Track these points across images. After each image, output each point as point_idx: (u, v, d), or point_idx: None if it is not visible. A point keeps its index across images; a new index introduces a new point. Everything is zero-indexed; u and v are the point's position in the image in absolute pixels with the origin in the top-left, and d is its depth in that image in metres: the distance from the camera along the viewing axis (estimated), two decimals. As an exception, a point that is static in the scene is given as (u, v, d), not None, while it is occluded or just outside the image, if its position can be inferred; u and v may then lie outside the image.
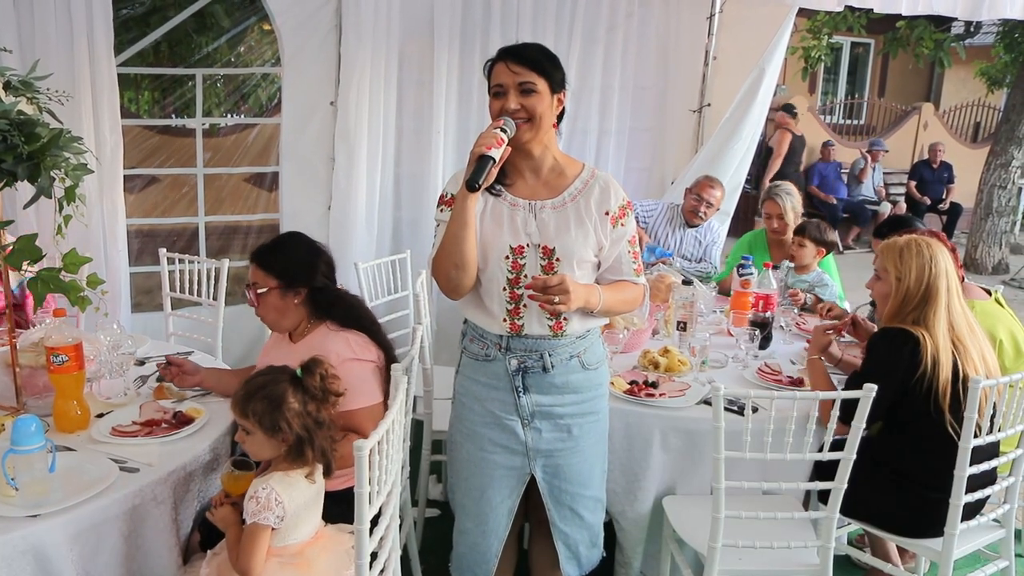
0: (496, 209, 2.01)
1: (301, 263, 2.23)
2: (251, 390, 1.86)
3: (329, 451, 1.86)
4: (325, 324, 2.22)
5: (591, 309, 1.99)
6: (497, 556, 2.14)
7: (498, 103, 1.96)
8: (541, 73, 1.94)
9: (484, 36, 4.22)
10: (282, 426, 1.81)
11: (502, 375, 2.05)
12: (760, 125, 4.76)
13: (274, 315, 2.23)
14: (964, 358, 2.26)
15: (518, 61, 1.93)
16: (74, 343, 2.06)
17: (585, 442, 2.10)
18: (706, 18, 4.79)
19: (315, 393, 1.87)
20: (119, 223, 3.64)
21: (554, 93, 1.98)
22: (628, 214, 2.06)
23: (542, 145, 2.01)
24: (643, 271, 2.14)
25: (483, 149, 1.86)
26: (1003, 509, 2.38)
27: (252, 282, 2.22)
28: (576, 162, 2.10)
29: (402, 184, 4.34)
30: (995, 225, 8.59)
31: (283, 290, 2.19)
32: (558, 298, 1.86)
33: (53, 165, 1.98)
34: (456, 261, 1.95)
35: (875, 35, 11.26)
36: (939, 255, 2.33)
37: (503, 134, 1.89)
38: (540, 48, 2.01)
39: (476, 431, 2.09)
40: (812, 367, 2.55)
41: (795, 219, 3.85)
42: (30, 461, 1.71)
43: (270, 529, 1.76)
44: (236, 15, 6.10)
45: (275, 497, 1.75)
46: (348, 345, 2.16)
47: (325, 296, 2.24)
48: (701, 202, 4.15)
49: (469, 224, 1.93)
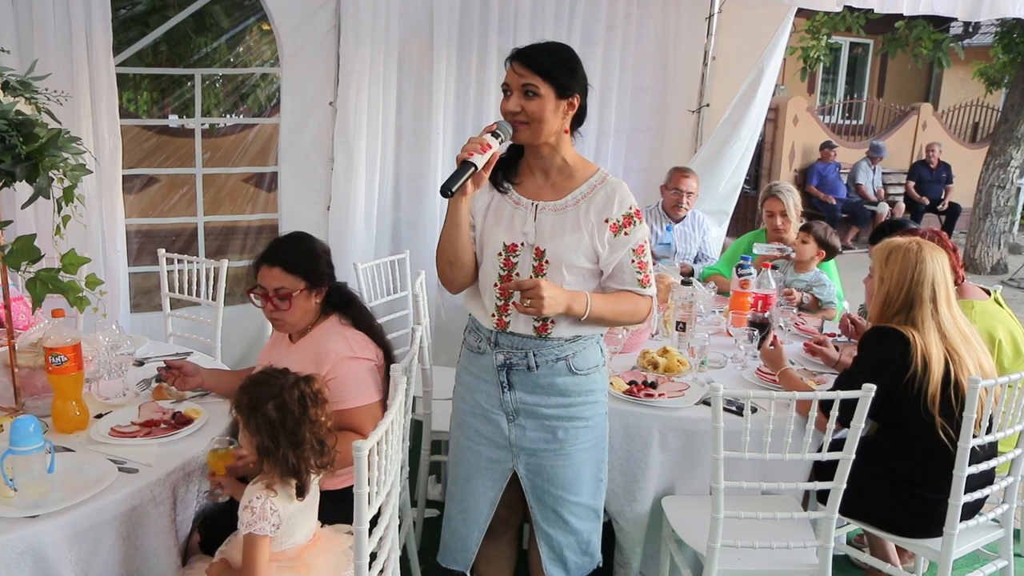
0: (499, 206, 2.03)
1: (320, 262, 2.23)
2: (245, 383, 1.86)
3: (305, 471, 1.80)
4: (333, 317, 2.22)
5: (576, 316, 1.96)
6: (477, 546, 2.16)
7: (504, 103, 1.97)
8: (546, 78, 1.91)
9: (483, 37, 4.22)
10: (253, 428, 1.80)
11: (490, 369, 2.07)
12: (759, 125, 4.76)
13: (298, 317, 2.20)
14: (958, 366, 2.25)
15: (524, 63, 1.92)
16: (73, 344, 2.06)
17: (572, 447, 2.09)
18: (705, 18, 4.79)
19: (292, 408, 1.80)
20: (118, 223, 3.63)
21: (561, 98, 1.94)
22: (635, 223, 2.01)
23: (549, 147, 2.00)
24: (651, 282, 2.07)
25: (465, 155, 1.85)
26: (1002, 509, 2.38)
27: (277, 287, 2.16)
28: (590, 166, 2.07)
29: (401, 184, 4.34)
30: (993, 225, 8.59)
31: (309, 291, 2.19)
32: (528, 301, 1.86)
33: (51, 165, 1.98)
34: (449, 258, 2.01)
35: (874, 35, 11.27)
36: (928, 262, 2.29)
37: (493, 139, 1.88)
38: (553, 52, 1.96)
39: (465, 421, 2.14)
40: (784, 379, 2.57)
41: (796, 217, 3.86)
42: (29, 462, 1.71)
43: (269, 539, 1.75)
44: (235, 15, 6.10)
45: (269, 506, 1.75)
46: (347, 343, 2.16)
47: (341, 294, 2.26)
48: (680, 194, 4.15)
49: (459, 224, 1.96)
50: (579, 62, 1.99)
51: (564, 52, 1.97)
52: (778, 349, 2.66)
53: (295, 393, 1.81)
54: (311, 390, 1.84)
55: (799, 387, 2.51)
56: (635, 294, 2.04)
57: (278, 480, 1.79)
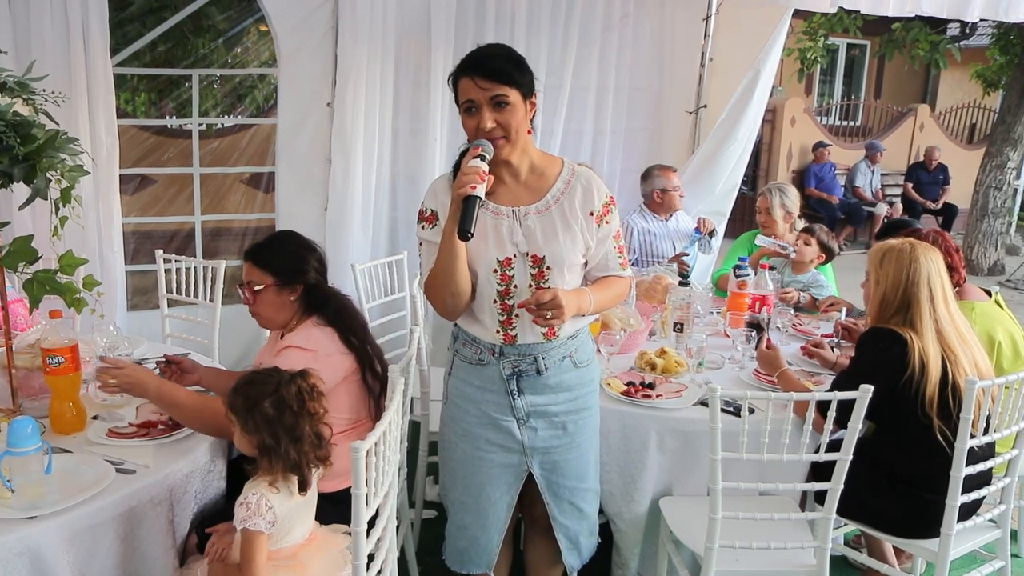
0: (479, 221, 1.88)
1: (295, 260, 2.24)
2: (238, 384, 1.86)
3: (306, 465, 1.80)
4: (312, 319, 2.22)
5: (582, 313, 2.00)
6: (498, 547, 2.16)
7: (472, 121, 1.90)
8: (511, 84, 1.86)
9: (479, 38, 4.22)
10: (251, 428, 1.80)
11: (496, 379, 2.05)
12: (756, 126, 4.76)
13: (269, 312, 2.24)
14: (955, 367, 2.25)
15: (486, 75, 1.85)
16: (70, 344, 2.05)
17: (580, 437, 2.12)
18: (702, 19, 4.80)
19: (291, 404, 1.80)
20: (115, 224, 3.63)
21: (526, 99, 1.92)
22: (612, 210, 2.05)
23: (519, 152, 1.97)
24: (628, 264, 2.14)
25: (468, 190, 1.80)
26: (999, 509, 2.38)
27: (247, 280, 2.22)
28: (555, 159, 2.07)
29: (398, 185, 4.34)
30: (991, 226, 8.61)
31: (278, 287, 2.20)
32: (551, 313, 1.86)
33: (49, 166, 1.97)
34: (452, 290, 1.93)
35: (871, 37, 11.28)
36: (922, 261, 2.30)
37: (483, 164, 1.84)
38: (505, 55, 1.91)
39: (472, 431, 2.09)
40: (782, 380, 2.57)
41: (785, 216, 3.84)
42: (26, 463, 1.71)
43: (265, 535, 1.75)
44: (233, 16, 6.10)
45: (264, 502, 1.74)
46: (302, 336, 2.14)
47: (319, 294, 2.24)
48: (677, 190, 4.14)
49: (459, 256, 1.90)
50: (523, 57, 1.94)
51: (511, 52, 1.94)
52: (775, 351, 2.66)
53: (292, 388, 1.81)
54: (307, 384, 1.84)
55: (797, 388, 2.51)
56: (618, 277, 2.11)
57: (280, 477, 1.79)
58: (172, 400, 2.04)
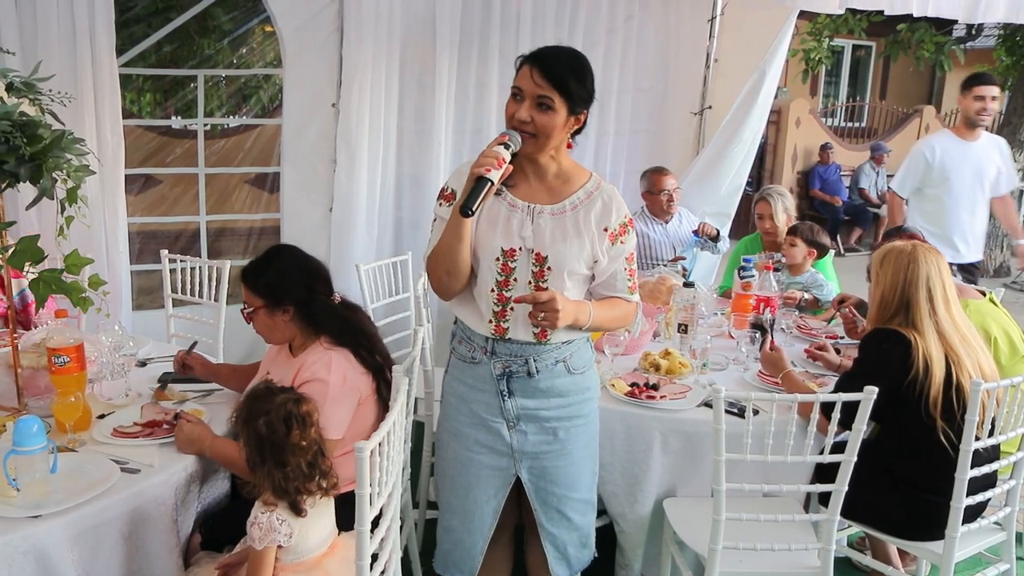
0: (493, 209, 1.97)
1: (286, 282, 2.18)
2: (249, 393, 1.88)
3: (292, 491, 1.78)
4: (319, 341, 2.18)
5: (579, 327, 1.97)
6: (482, 554, 2.14)
7: (512, 107, 1.92)
8: (562, 92, 1.87)
9: (484, 38, 4.22)
10: (244, 441, 1.81)
11: (487, 378, 2.04)
12: (761, 128, 4.75)
13: (265, 332, 2.23)
14: (959, 368, 2.24)
15: (543, 73, 1.86)
16: (75, 344, 2.06)
17: (572, 445, 2.09)
18: (707, 21, 4.79)
19: (277, 428, 1.80)
20: (120, 224, 3.64)
21: (572, 114, 1.92)
22: (629, 232, 2.04)
23: (548, 155, 1.98)
24: (637, 289, 2.11)
25: (482, 171, 1.82)
26: (1004, 512, 2.38)
27: (244, 300, 2.21)
28: (584, 171, 2.07)
29: (403, 185, 4.34)
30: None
31: (269, 309, 2.17)
32: (543, 315, 1.85)
33: (55, 166, 1.98)
34: (448, 268, 1.95)
35: (876, 38, 11.27)
36: (921, 262, 2.30)
37: (505, 151, 1.86)
38: (571, 60, 1.92)
39: (462, 431, 2.09)
40: (787, 381, 2.56)
41: (787, 221, 3.85)
42: (31, 462, 1.72)
43: (275, 547, 1.76)
44: (238, 17, 6.11)
45: (276, 517, 1.76)
46: (328, 370, 2.10)
47: (315, 310, 2.19)
48: (669, 195, 4.12)
49: (463, 237, 1.91)
50: (592, 74, 1.94)
51: (581, 63, 1.93)
52: (778, 352, 2.65)
53: (282, 412, 1.81)
54: (298, 411, 1.83)
55: (801, 389, 2.51)
56: (624, 300, 2.08)
57: (271, 496, 1.79)
58: (225, 457, 2.05)
